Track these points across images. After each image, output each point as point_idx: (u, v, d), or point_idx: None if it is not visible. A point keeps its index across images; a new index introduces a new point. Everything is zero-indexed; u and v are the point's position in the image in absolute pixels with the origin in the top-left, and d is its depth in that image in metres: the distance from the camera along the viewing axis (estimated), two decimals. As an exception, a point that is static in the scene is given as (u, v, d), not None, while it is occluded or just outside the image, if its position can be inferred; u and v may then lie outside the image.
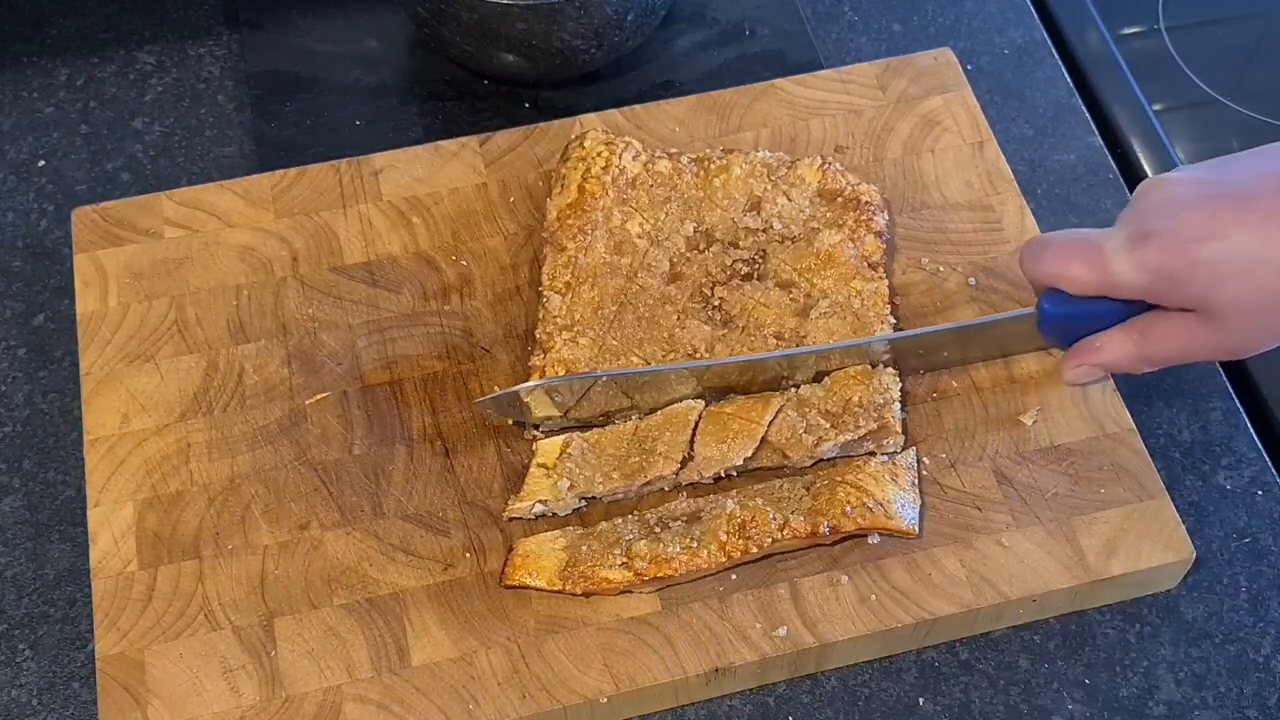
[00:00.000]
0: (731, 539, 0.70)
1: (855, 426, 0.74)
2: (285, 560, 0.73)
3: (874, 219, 0.81)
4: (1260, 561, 0.77)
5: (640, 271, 0.80)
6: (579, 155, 0.83)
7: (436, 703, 0.69)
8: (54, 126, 0.94)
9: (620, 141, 0.84)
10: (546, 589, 0.71)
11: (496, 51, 0.90)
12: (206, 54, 0.98)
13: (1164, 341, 0.71)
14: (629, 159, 0.83)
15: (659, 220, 0.82)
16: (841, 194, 0.82)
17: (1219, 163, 0.70)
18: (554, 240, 0.81)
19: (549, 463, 0.75)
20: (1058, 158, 0.92)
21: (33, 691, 0.74)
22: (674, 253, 0.81)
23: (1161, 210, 0.68)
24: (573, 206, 0.82)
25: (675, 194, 0.83)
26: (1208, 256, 0.66)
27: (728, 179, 0.83)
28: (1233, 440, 0.81)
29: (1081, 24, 1.00)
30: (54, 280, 0.87)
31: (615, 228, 0.81)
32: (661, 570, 0.70)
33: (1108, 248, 0.69)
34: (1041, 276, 0.73)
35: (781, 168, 0.84)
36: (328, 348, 0.80)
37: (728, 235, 0.82)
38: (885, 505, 0.71)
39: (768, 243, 0.81)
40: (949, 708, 0.73)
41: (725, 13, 0.99)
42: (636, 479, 0.74)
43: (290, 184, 0.86)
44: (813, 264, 0.80)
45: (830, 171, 0.83)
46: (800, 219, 0.82)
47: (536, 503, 0.74)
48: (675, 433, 0.74)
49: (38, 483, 0.80)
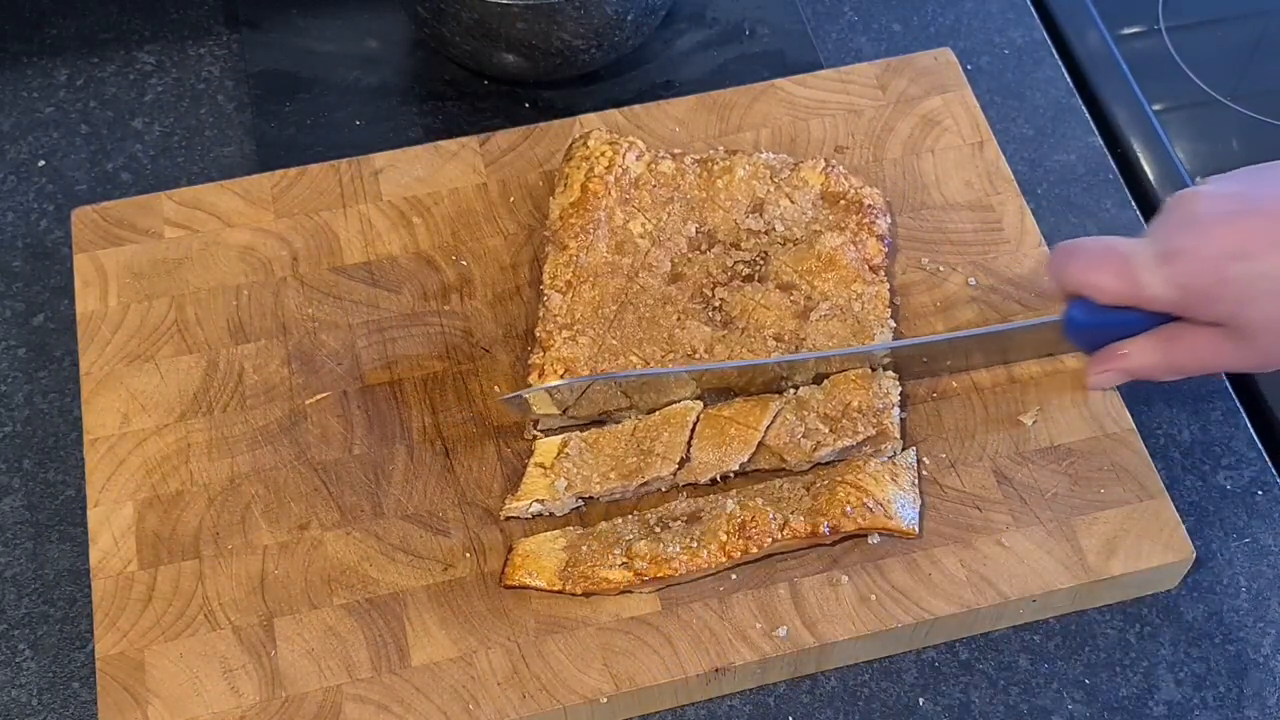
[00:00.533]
0: (731, 539, 0.70)
1: (854, 432, 0.73)
2: (285, 560, 0.73)
3: (876, 222, 0.81)
4: (1260, 561, 0.77)
5: (641, 271, 0.80)
6: (582, 154, 0.83)
7: (436, 703, 0.69)
8: (54, 126, 0.94)
9: (624, 141, 0.84)
10: (546, 589, 0.71)
11: (496, 51, 0.90)
12: (206, 54, 0.98)
13: (1191, 352, 0.71)
14: (632, 159, 0.83)
15: (661, 220, 0.82)
16: (844, 197, 0.82)
17: (1250, 175, 0.70)
18: (556, 239, 0.81)
19: (547, 462, 0.75)
20: (1058, 158, 0.92)
21: (33, 691, 0.74)
22: (675, 253, 0.81)
23: (1192, 226, 0.68)
24: (575, 205, 0.82)
25: (678, 194, 0.83)
26: (1237, 275, 0.66)
27: (731, 180, 0.83)
28: (1233, 440, 0.81)
29: (1081, 24, 1.00)
30: (54, 280, 0.87)
31: (617, 227, 0.81)
32: (661, 570, 0.70)
33: (1137, 261, 0.69)
34: (1069, 283, 0.72)
35: (785, 170, 0.84)
36: (328, 348, 0.80)
37: (730, 236, 0.82)
38: (885, 505, 0.71)
39: (769, 244, 0.81)
40: (949, 708, 0.73)
41: (725, 13, 0.99)
42: (634, 480, 0.74)
43: (290, 184, 0.86)
44: (814, 266, 0.80)
45: (833, 174, 0.83)
46: (802, 221, 0.82)
47: (534, 502, 0.74)
48: (673, 434, 0.74)
49: (38, 483, 0.80)
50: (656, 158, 0.84)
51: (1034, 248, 0.83)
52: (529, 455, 0.76)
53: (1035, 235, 0.84)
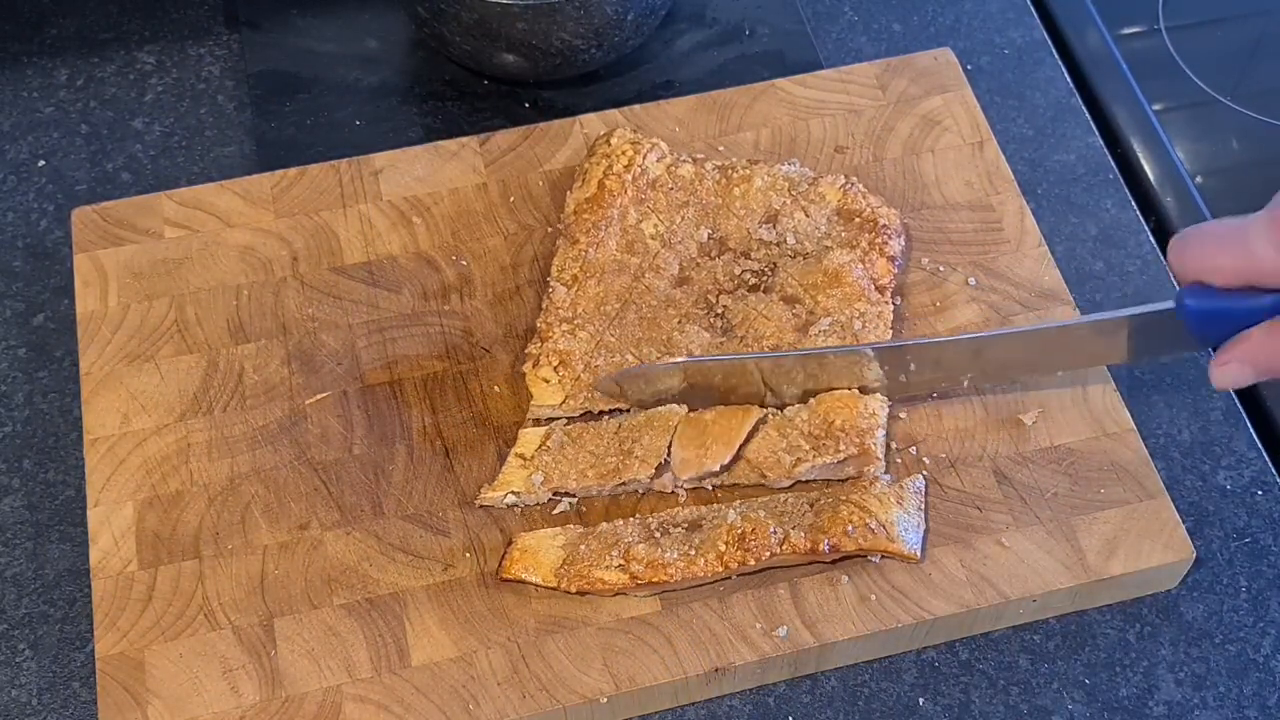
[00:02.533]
0: (730, 550, 0.70)
1: (835, 450, 0.73)
2: (285, 560, 0.73)
3: (889, 243, 0.80)
4: (1260, 561, 0.77)
5: (648, 272, 0.80)
6: (604, 151, 0.84)
7: (436, 703, 0.69)
8: (54, 126, 0.94)
9: (647, 142, 0.84)
10: (542, 585, 0.71)
11: (496, 51, 0.90)
12: (206, 54, 0.98)
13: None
14: (653, 160, 0.83)
15: (674, 223, 0.82)
16: (860, 214, 0.81)
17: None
18: (568, 232, 0.81)
19: (527, 454, 0.75)
20: (1058, 158, 0.92)
21: (33, 691, 0.74)
22: (685, 257, 0.81)
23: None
24: (590, 201, 0.82)
25: (694, 199, 0.83)
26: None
27: (748, 189, 0.83)
28: (1233, 440, 0.81)
29: (1081, 24, 1.00)
30: (54, 280, 0.87)
31: (630, 226, 0.81)
32: (657, 576, 0.70)
33: (1250, 230, 0.62)
34: (1187, 271, 0.66)
35: (803, 183, 0.83)
36: (328, 348, 0.80)
37: (741, 245, 0.82)
38: (888, 528, 0.71)
39: (779, 256, 0.81)
40: (949, 708, 0.73)
41: (725, 13, 0.99)
42: (610, 480, 0.73)
43: (290, 184, 0.86)
44: (819, 281, 0.79)
45: (852, 192, 0.82)
46: (815, 236, 0.81)
47: (509, 493, 0.74)
48: (654, 437, 0.74)
49: (38, 483, 0.80)
50: (677, 161, 0.84)
51: (1034, 248, 0.83)
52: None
53: (1035, 235, 0.84)
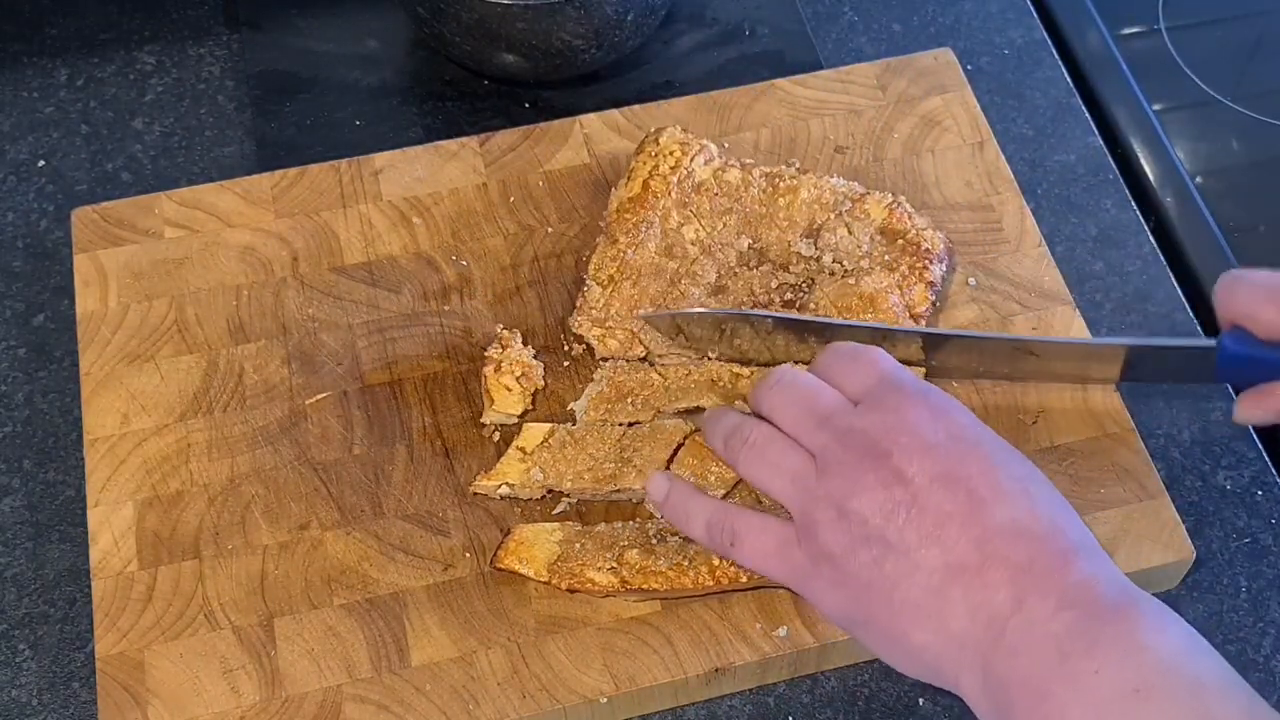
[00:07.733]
0: (724, 565, 0.69)
1: None
2: (285, 560, 0.73)
3: (930, 268, 0.78)
4: (1260, 561, 0.77)
5: (684, 279, 0.79)
6: (651, 151, 0.82)
7: (436, 703, 0.69)
8: (54, 126, 0.94)
9: (696, 144, 0.83)
10: (534, 578, 0.71)
11: (496, 51, 0.90)
12: (206, 54, 0.98)
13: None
14: (700, 163, 0.82)
15: (715, 230, 0.81)
16: (903, 236, 0.79)
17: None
18: (608, 231, 0.81)
19: (528, 448, 0.75)
20: (1058, 158, 0.92)
21: (33, 691, 0.74)
22: (723, 265, 0.80)
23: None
24: (634, 201, 0.81)
25: (738, 206, 0.81)
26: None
27: (793, 200, 0.81)
28: (1233, 440, 0.81)
29: (1081, 24, 1.00)
30: (54, 280, 0.87)
31: (671, 229, 0.81)
32: (647, 583, 0.69)
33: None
34: (1232, 312, 0.69)
35: (849, 200, 0.81)
36: (328, 348, 0.80)
37: (781, 258, 0.81)
38: None
39: (817, 272, 0.80)
40: (949, 708, 0.73)
41: (725, 13, 0.99)
42: (605, 486, 0.73)
43: (290, 184, 0.86)
44: (854, 304, 0.77)
45: (898, 211, 0.81)
46: (855, 254, 0.79)
47: (504, 484, 0.74)
48: (654, 450, 0.74)
49: (38, 483, 0.80)
50: (725, 165, 0.83)
51: (1034, 248, 0.83)
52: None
53: (1035, 235, 0.84)
